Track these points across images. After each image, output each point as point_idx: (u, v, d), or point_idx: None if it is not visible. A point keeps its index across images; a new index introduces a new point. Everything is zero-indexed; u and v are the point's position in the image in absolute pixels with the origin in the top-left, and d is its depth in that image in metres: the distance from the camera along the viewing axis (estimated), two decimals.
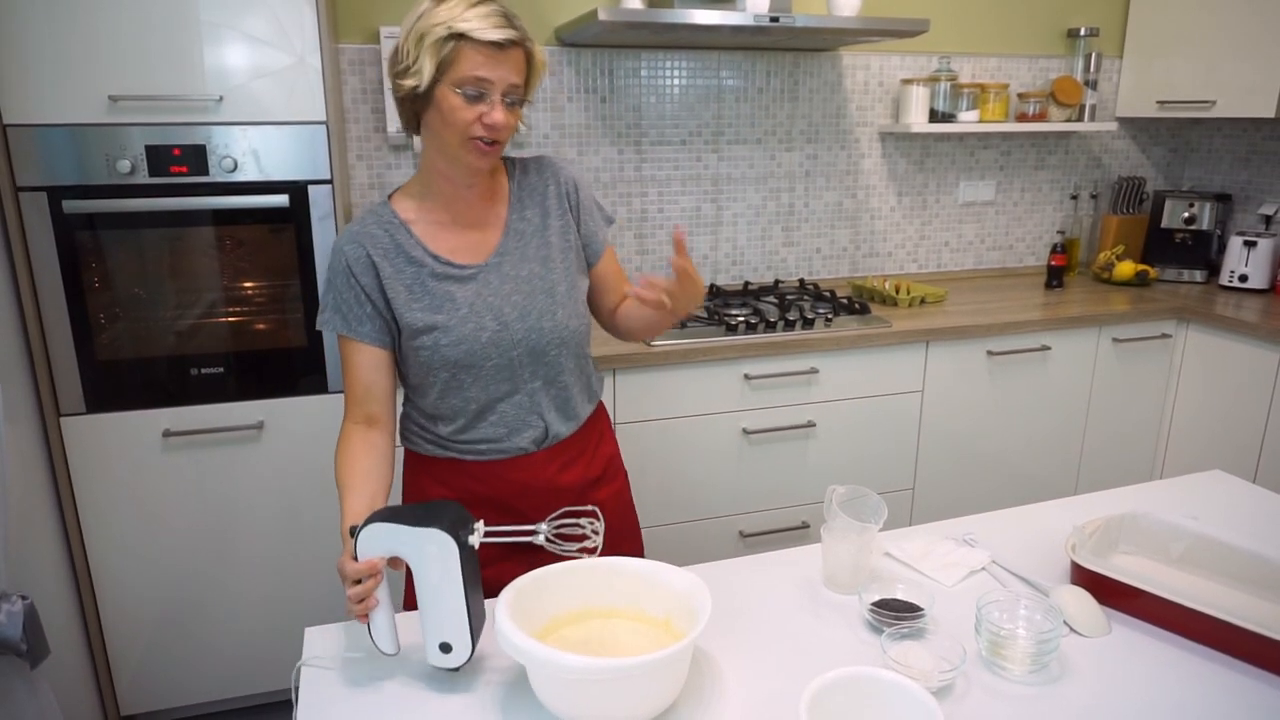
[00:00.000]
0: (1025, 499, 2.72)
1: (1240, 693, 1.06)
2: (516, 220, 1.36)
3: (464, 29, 1.17)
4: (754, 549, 2.53)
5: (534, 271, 1.35)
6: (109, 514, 2.04)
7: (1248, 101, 2.80)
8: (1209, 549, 1.29)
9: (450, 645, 1.04)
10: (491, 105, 1.21)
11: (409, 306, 1.29)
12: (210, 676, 2.22)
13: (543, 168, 1.41)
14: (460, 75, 1.19)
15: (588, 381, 1.46)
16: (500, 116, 1.21)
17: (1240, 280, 2.96)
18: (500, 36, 1.18)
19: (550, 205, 1.39)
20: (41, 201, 1.85)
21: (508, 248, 1.35)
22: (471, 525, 1.05)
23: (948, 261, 3.25)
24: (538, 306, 1.33)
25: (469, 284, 1.31)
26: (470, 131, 1.22)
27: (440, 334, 1.29)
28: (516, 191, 1.38)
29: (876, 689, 0.94)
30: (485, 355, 1.31)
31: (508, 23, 1.20)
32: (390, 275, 1.29)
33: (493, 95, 1.21)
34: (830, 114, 2.95)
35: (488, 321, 1.31)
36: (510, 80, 1.21)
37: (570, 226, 1.40)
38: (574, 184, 1.41)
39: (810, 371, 2.43)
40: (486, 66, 1.19)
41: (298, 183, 1.99)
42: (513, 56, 1.21)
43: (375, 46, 2.46)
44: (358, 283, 1.28)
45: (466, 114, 1.21)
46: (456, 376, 1.32)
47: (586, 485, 1.45)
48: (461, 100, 1.20)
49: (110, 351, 1.97)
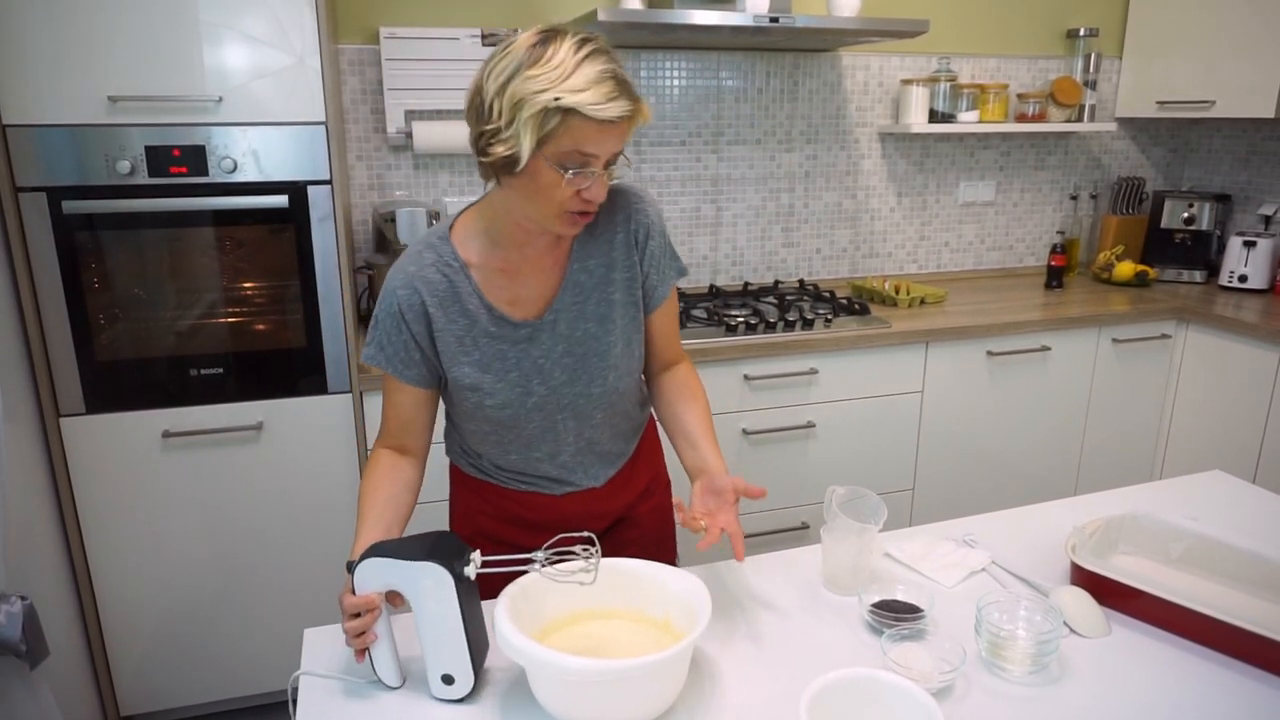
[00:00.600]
0: (1025, 499, 2.72)
1: (1239, 693, 1.06)
2: (578, 271, 1.24)
3: (576, 104, 1.02)
4: (754, 550, 2.51)
5: (589, 332, 1.25)
6: (108, 515, 2.04)
7: (1247, 102, 2.80)
8: (1209, 549, 1.29)
9: (452, 677, 1.04)
10: (594, 179, 1.08)
11: (457, 360, 1.22)
12: (210, 677, 2.22)
13: (615, 206, 1.26)
14: (563, 149, 1.05)
15: (635, 425, 1.39)
16: (601, 191, 1.10)
17: (1240, 280, 2.96)
18: (617, 113, 1.04)
19: (617, 256, 1.26)
20: (41, 202, 1.85)
21: (565, 303, 1.24)
22: (468, 556, 1.03)
23: (947, 262, 3.25)
24: (589, 370, 1.25)
25: (521, 343, 1.23)
26: (567, 206, 1.10)
27: (485, 395, 1.23)
28: (583, 238, 1.25)
29: (876, 690, 0.94)
30: (529, 419, 1.26)
31: (622, 91, 1.05)
32: (443, 326, 1.21)
33: (597, 169, 1.08)
34: (830, 114, 2.95)
35: (535, 386, 1.24)
36: (616, 149, 1.09)
37: (636, 277, 1.27)
38: (646, 230, 1.27)
39: (810, 372, 2.43)
40: (595, 142, 1.05)
41: (297, 183, 1.99)
42: (624, 128, 1.07)
43: (375, 47, 2.46)
44: (408, 329, 1.20)
45: (565, 190, 1.08)
46: (497, 431, 1.28)
47: (630, 505, 1.41)
48: (560, 175, 1.06)
49: (110, 352, 1.97)
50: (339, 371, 2.11)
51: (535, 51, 1.04)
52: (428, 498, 2.21)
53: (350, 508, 2.18)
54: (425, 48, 2.46)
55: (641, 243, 1.27)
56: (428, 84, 2.49)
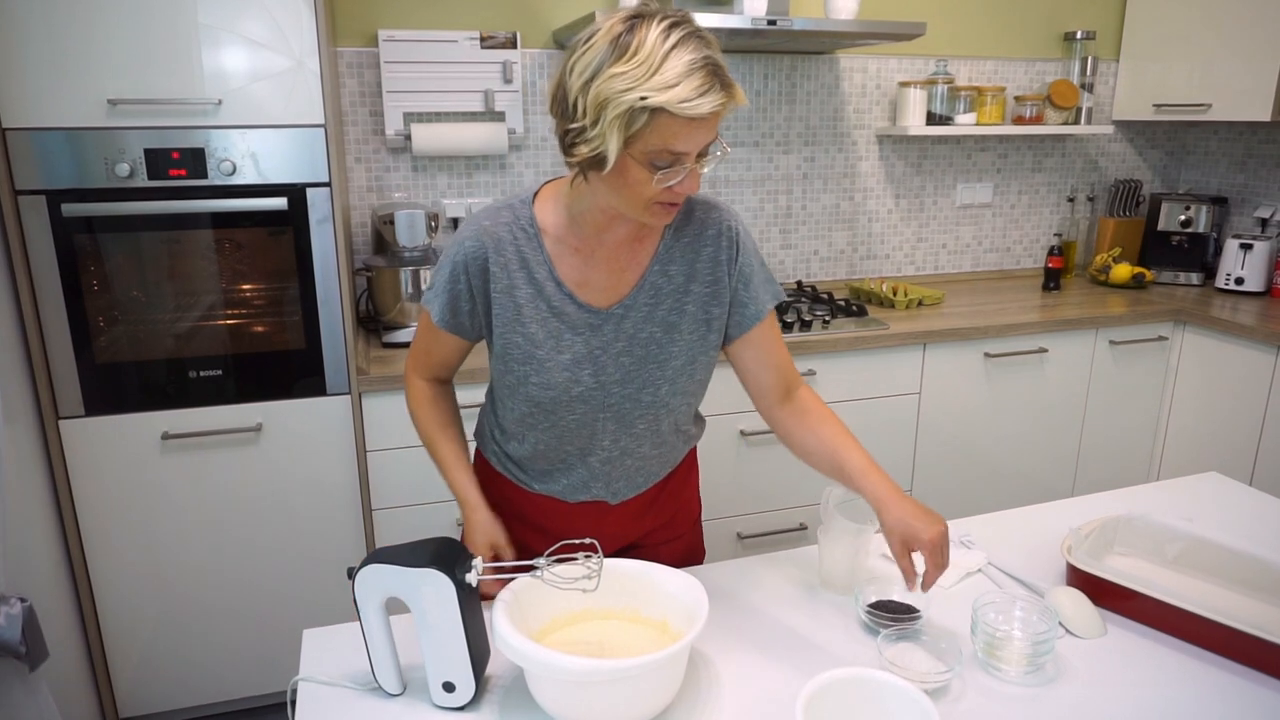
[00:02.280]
0: (1022, 501, 2.73)
1: (1235, 694, 1.06)
2: (658, 274, 1.20)
3: (664, 103, 0.95)
4: (751, 550, 2.54)
5: (654, 336, 1.20)
6: (108, 516, 2.05)
7: (1243, 104, 2.81)
8: (1204, 551, 1.29)
9: (453, 685, 1.04)
10: (685, 174, 1.03)
11: (511, 328, 1.18)
12: (208, 678, 2.22)
13: (708, 221, 1.21)
14: (652, 148, 1.00)
15: (676, 450, 1.33)
16: (693, 185, 1.05)
17: (1236, 283, 2.97)
18: (709, 109, 0.97)
19: (700, 268, 1.21)
20: (40, 205, 1.85)
21: (637, 301, 1.19)
22: (469, 563, 1.03)
23: (945, 264, 3.26)
24: (643, 375, 1.20)
25: (582, 329, 1.18)
26: (656, 199, 1.05)
27: (532, 370, 1.19)
28: (669, 241, 1.20)
29: (873, 690, 0.95)
30: (570, 408, 1.20)
31: (714, 82, 0.97)
32: (504, 288, 1.17)
33: (687, 164, 1.02)
34: (828, 116, 2.95)
35: (584, 375, 1.19)
36: (706, 142, 1.02)
37: (720, 295, 1.22)
38: (736, 245, 1.22)
39: (808, 373, 2.44)
40: (685, 138, 0.99)
41: (296, 186, 1.99)
42: (716, 120, 1.01)
43: (374, 49, 2.47)
44: (466, 281, 1.18)
45: (654, 185, 1.03)
46: (534, 414, 1.22)
47: (645, 534, 1.37)
48: (650, 173, 1.02)
49: (109, 354, 1.97)
50: (338, 373, 2.11)
51: (621, 43, 0.97)
52: (428, 498, 2.22)
53: (350, 508, 2.19)
54: (424, 50, 2.46)
55: (733, 260, 1.22)
56: (426, 86, 2.49)
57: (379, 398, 2.12)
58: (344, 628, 1.20)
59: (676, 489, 1.39)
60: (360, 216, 2.57)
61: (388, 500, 2.19)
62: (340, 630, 1.20)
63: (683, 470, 1.39)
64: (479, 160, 2.63)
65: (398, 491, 2.19)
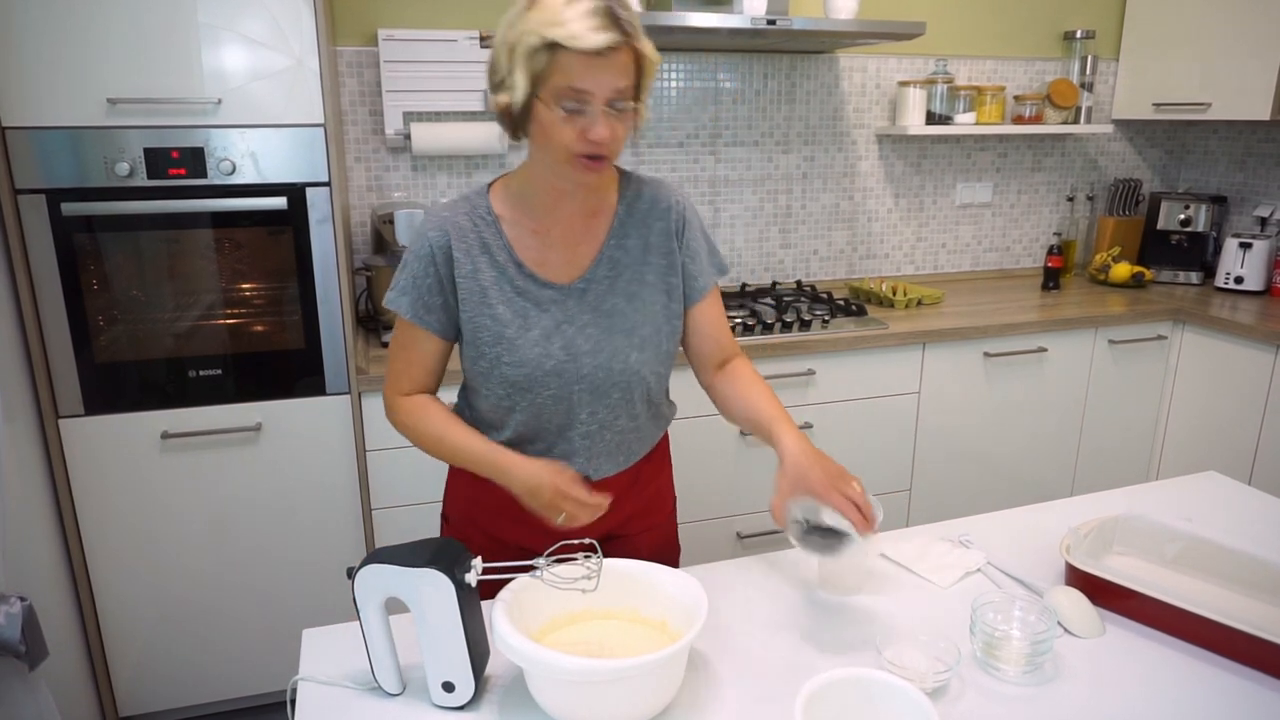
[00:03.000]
0: (1021, 500, 2.73)
1: (1233, 693, 1.06)
2: (614, 248, 1.26)
3: (558, 36, 1.03)
4: (751, 550, 2.54)
5: (618, 307, 1.25)
6: (107, 516, 2.05)
7: (1243, 104, 2.81)
8: (1203, 550, 1.29)
9: (453, 684, 1.04)
10: (594, 118, 1.08)
11: (478, 311, 1.22)
12: (208, 677, 2.22)
13: (657, 196, 1.29)
14: (558, 88, 1.06)
15: (650, 427, 1.36)
16: (604, 131, 1.08)
17: (1236, 282, 2.97)
18: (602, 42, 1.04)
19: (654, 241, 1.28)
20: (40, 204, 1.85)
21: (598, 275, 1.24)
22: (469, 563, 1.03)
23: (944, 263, 3.26)
24: (612, 345, 1.24)
25: (547, 306, 1.23)
26: (573, 149, 1.10)
27: (504, 350, 1.22)
28: (623, 215, 1.27)
29: (871, 690, 0.95)
30: (544, 384, 1.23)
31: (610, 22, 1.05)
32: (468, 273, 1.21)
33: (594, 107, 1.08)
34: (827, 116, 2.95)
35: (555, 350, 1.22)
36: (614, 86, 1.08)
37: (674, 265, 1.29)
38: (684, 220, 1.30)
39: (807, 373, 2.44)
40: (585, 76, 1.06)
41: (296, 185, 1.99)
42: (617, 60, 1.07)
43: (373, 49, 2.47)
44: (437, 271, 1.21)
45: (567, 131, 1.09)
46: (511, 396, 1.25)
47: (626, 518, 1.37)
48: (561, 115, 1.08)
49: (109, 354, 1.97)
50: (338, 373, 2.11)
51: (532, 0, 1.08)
52: (428, 498, 2.22)
53: (349, 508, 2.19)
54: (423, 49, 2.46)
55: (680, 232, 1.30)
56: (426, 86, 2.49)
57: (379, 397, 2.11)
58: (343, 627, 1.20)
59: (653, 474, 1.41)
60: (360, 216, 2.57)
61: (387, 500, 2.19)
62: (340, 630, 1.20)
63: (658, 456, 1.42)
64: (478, 160, 2.63)
65: (397, 491, 2.20)
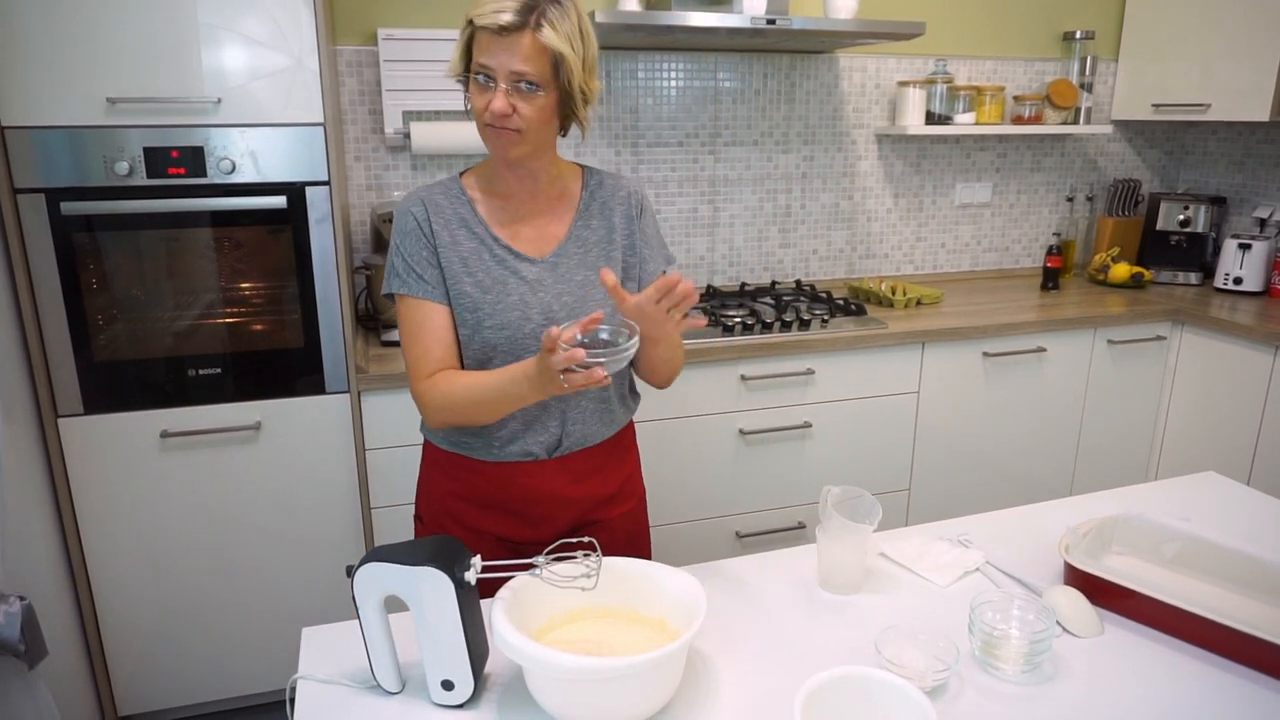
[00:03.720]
0: (1020, 500, 2.73)
1: (1232, 693, 1.06)
2: (581, 228, 1.36)
3: (472, 15, 1.19)
4: (750, 549, 2.54)
5: (588, 279, 1.33)
6: (106, 515, 2.05)
7: (1242, 105, 2.81)
8: (1202, 550, 1.30)
9: (452, 682, 1.04)
10: (491, 92, 1.20)
11: (459, 279, 1.29)
12: (207, 676, 2.22)
13: (618, 186, 1.40)
14: (474, 63, 1.21)
15: (621, 396, 1.43)
16: (499, 104, 1.19)
17: (1235, 283, 2.98)
18: (501, 21, 1.16)
19: (616, 222, 1.38)
20: (39, 203, 1.85)
21: (568, 251, 1.34)
22: (468, 561, 1.03)
23: (944, 263, 3.26)
24: (587, 310, 1.30)
25: (524, 275, 1.31)
26: (484, 119, 1.23)
27: (485, 314, 1.29)
28: (587, 200, 1.37)
29: (870, 689, 0.95)
30: (524, 345, 1.29)
31: (520, 7, 1.17)
32: (447, 244, 1.30)
33: (497, 82, 1.19)
34: (827, 116, 2.95)
35: (534, 314, 1.30)
36: (512, 67, 1.18)
37: (633, 247, 1.39)
38: (641, 206, 1.40)
39: (807, 372, 2.44)
40: (488, 52, 1.19)
41: (295, 184, 1.99)
42: (517, 41, 1.17)
43: (373, 48, 2.47)
44: (427, 242, 1.30)
45: (478, 101, 1.22)
46: (491, 361, 1.30)
47: (598, 502, 1.42)
48: (475, 87, 1.22)
49: (108, 353, 1.97)
50: (337, 372, 2.11)
51: None
52: None
53: (349, 507, 2.19)
54: (423, 49, 2.46)
55: (636, 216, 1.39)
56: (426, 85, 2.49)
57: (378, 396, 2.12)
58: (343, 626, 1.20)
59: (622, 455, 1.46)
60: (359, 215, 2.57)
61: (386, 499, 2.20)
62: (339, 628, 1.20)
63: (625, 442, 1.48)
64: (478, 159, 2.62)
65: (396, 490, 2.20)
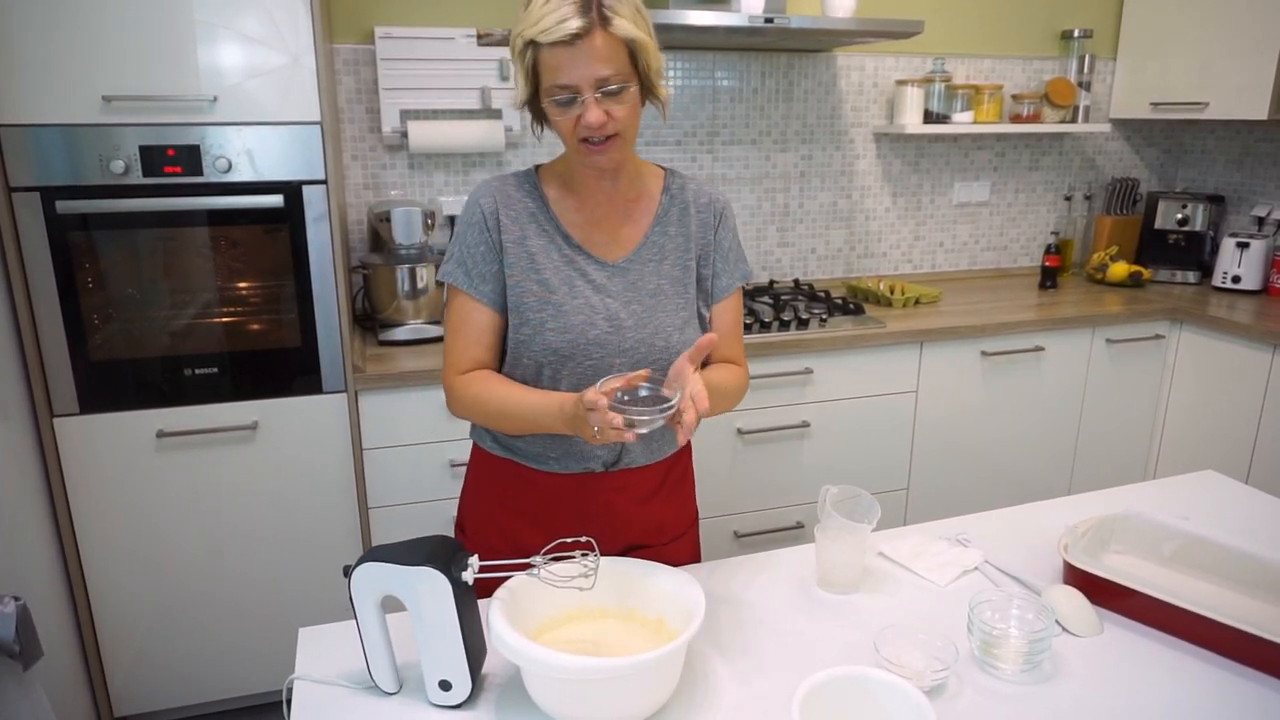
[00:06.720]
0: (1019, 499, 2.72)
1: (1231, 691, 1.06)
2: (658, 234, 1.29)
3: (532, 35, 1.10)
4: (748, 549, 2.54)
5: (661, 288, 1.27)
6: (102, 515, 2.04)
7: (1240, 103, 2.81)
8: (1201, 549, 1.29)
9: (450, 683, 1.03)
10: (585, 107, 1.12)
11: (525, 276, 1.23)
12: (204, 677, 2.22)
13: (701, 193, 1.33)
14: (546, 84, 1.12)
15: None
16: (594, 116, 1.12)
17: (1233, 281, 2.98)
18: (568, 31, 1.07)
19: (694, 232, 1.31)
20: (34, 202, 1.85)
21: (642, 257, 1.27)
22: (465, 561, 1.02)
23: (942, 262, 3.26)
24: (655, 321, 1.25)
25: (593, 277, 1.25)
26: (577, 135, 1.15)
27: (549, 315, 1.22)
28: (666, 205, 1.30)
29: (869, 688, 0.95)
30: (586, 352, 1.23)
31: (579, 10, 1.08)
32: (516, 238, 1.23)
33: (582, 96, 1.12)
34: (825, 115, 2.95)
35: (600, 320, 1.23)
36: (596, 75, 1.10)
37: (707, 259, 1.32)
38: (721, 216, 1.33)
39: (805, 372, 2.44)
40: (563, 70, 1.10)
41: (292, 183, 1.99)
42: (591, 47, 1.09)
43: (370, 47, 2.46)
44: (490, 236, 1.23)
45: (565, 122, 1.15)
46: (549, 367, 1.24)
47: (657, 527, 1.35)
48: (556, 109, 1.14)
49: (104, 352, 1.97)
50: (334, 371, 2.10)
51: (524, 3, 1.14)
52: (427, 497, 2.22)
53: (346, 506, 2.19)
54: (420, 47, 2.46)
55: (714, 226, 1.33)
56: (423, 84, 2.49)
57: (375, 395, 2.11)
58: (340, 626, 1.20)
59: (679, 477, 1.41)
60: (356, 214, 2.57)
61: (384, 498, 2.19)
62: (336, 629, 1.20)
63: (682, 466, 1.42)
64: (476, 158, 2.63)
65: (394, 489, 2.19)
